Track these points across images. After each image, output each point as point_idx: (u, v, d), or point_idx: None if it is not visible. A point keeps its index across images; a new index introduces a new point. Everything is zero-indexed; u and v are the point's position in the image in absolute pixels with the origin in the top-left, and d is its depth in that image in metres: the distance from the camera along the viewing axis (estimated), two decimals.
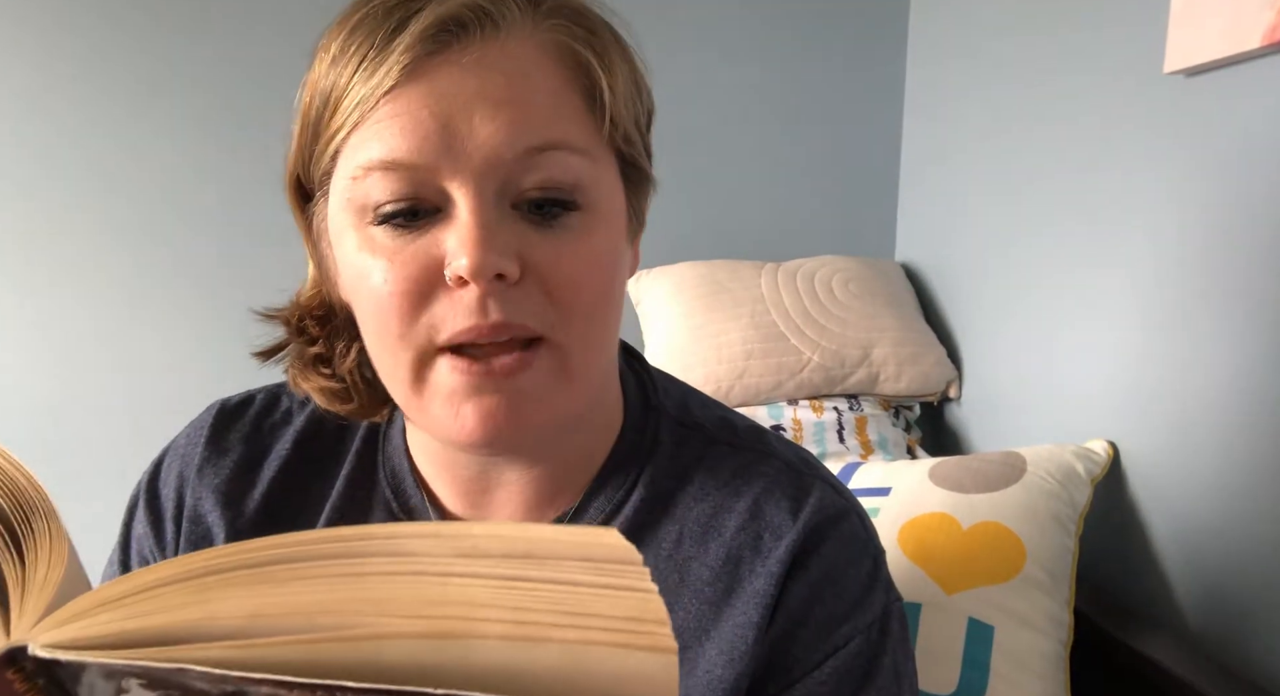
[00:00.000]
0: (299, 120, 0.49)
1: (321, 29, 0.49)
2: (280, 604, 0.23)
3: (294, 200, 0.52)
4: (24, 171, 1.37)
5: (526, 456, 0.53)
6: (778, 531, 0.51)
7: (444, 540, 0.24)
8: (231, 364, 1.43)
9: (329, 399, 0.54)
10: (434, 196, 0.44)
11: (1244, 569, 0.87)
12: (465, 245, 0.43)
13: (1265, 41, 0.79)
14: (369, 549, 0.24)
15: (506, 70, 0.44)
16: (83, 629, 0.23)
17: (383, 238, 0.45)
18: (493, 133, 0.43)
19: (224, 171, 1.42)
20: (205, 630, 0.23)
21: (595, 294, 0.47)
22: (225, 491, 0.56)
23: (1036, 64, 1.19)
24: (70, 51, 1.35)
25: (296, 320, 0.54)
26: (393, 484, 0.56)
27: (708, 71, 1.52)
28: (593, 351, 0.48)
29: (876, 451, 1.31)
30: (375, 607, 0.23)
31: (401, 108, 0.43)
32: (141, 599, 0.24)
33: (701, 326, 1.37)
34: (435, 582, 0.23)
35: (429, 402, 0.46)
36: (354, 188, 0.45)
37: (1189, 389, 0.94)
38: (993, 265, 1.32)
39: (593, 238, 0.46)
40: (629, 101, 0.49)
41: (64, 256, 1.40)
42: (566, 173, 0.45)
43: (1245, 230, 0.86)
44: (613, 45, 0.49)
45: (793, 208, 1.60)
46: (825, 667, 0.50)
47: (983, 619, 0.91)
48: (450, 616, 0.23)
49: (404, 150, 0.43)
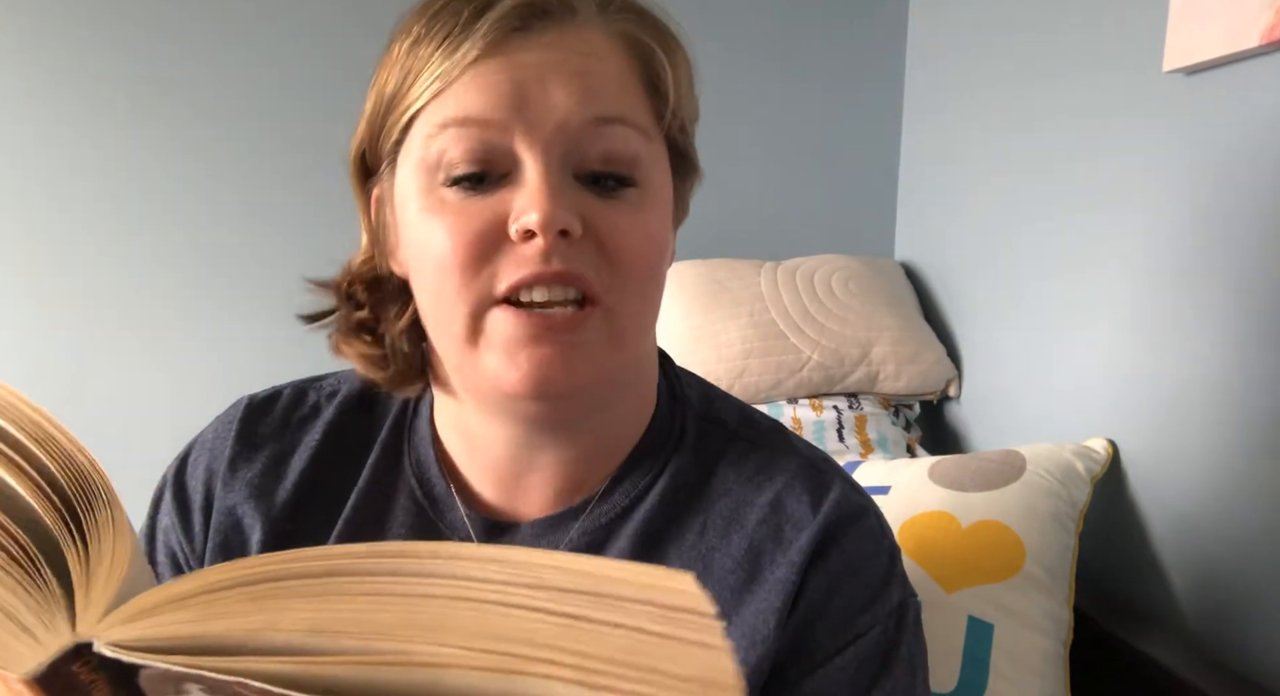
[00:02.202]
0: (372, 98, 0.51)
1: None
2: (340, 620, 0.23)
3: (356, 174, 0.54)
4: (24, 166, 1.37)
5: (564, 434, 0.53)
6: (799, 524, 0.53)
7: (507, 567, 0.24)
8: (230, 365, 1.43)
9: (366, 365, 0.56)
10: (503, 159, 0.47)
11: (1244, 567, 0.87)
12: (535, 200, 0.45)
13: (1264, 40, 0.79)
14: (432, 569, 0.24)
15: (580, 50, 0.48)
16: (147, 628, 0.23)
17: (452, 197, 0.47)
18: (564, 98, 0.46)
19: (239, 165, 1.42)
20: (265, 640, 0.23)
21: (648, 266, 0.49)
22: (258, 485, 0.57)
23: (1036, 63, 1.19)
24: (94, 46, 1.35)
25: (347, 285, 0.57)
26: (417, 472, 0.57)
27: (707, 71, 1.51)
28: (641, 320, 0.51)
29: (876, 450, 1.31)
30: (435, 635, 0.23)
31: (481, 73, 0.46)
32: (205, 601, 0.24)
33: (701, 325, 1.37)
34: (496, 612, 0.23)
35: (484, 354, 0.48)
36: (428, 146, 0.47)
37: (1189, 387, 0.94)
38: (992, 264, 1.32)
39: (648, 214, 0.49)
40: (687, 94, 0.53)
41: (66, 257, 1.40)
42: (628, 147, 0.48)
43: (1245, 229, 0.86)
44: (674, 42, 0.53)
45: (792, 207, 1.60)
46: (845, 654, 0.51)
47: (982, 617, 0.91)
48: (511, 653, 0.22)
49: (479, 107, 0.46)
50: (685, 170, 0.55)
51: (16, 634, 0.23)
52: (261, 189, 1.44)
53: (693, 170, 0.56)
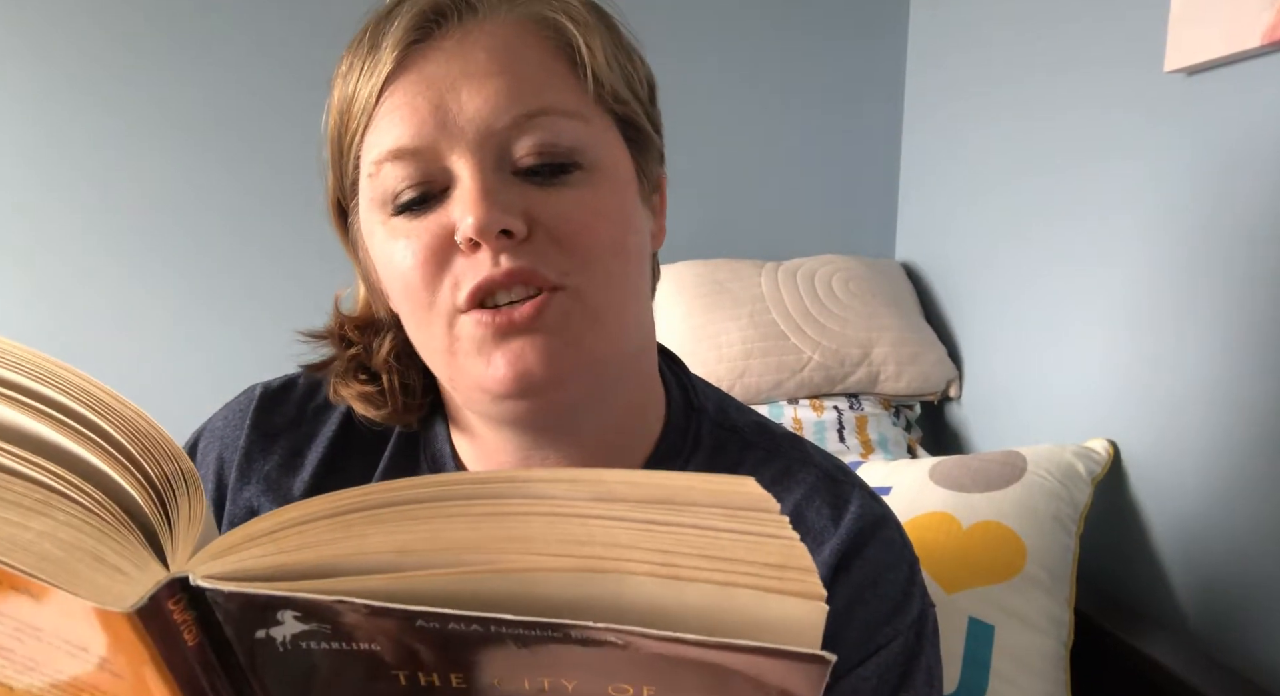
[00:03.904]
0: (329, 143, 0.52)
1: (344, 26, 0.51)
2: (427, 540, 0.24)
3: (337, 223, 0.55)
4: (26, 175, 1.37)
5: (567, 436, 0.53)
6: (819, 536, 0.52)
7: (579, 484, 0.25)
8: (229, 365, 1.43)
9: (365, 403, 0.55)
10: (441, 176, 0.46)
11: (1245, 568, 0.87)
12: (469, 206, 0.45)
13: (1265, 40, 0.79)
14: (507, 491, 0.25)
15: (488, 47, 0.47)
16: (238, 562, 0.24)
17: (402, 223, 0.47)
18: (481, 105, 0.45)
19: (241, 165, 1.42)
20: (356, 564, 0.23)
21: (607, 241, 0.48)
22: (274, 478, 0.57)
23: (1036, 63, 1.19)
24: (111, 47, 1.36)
25: (339, 329, 0.57)
26: (433, 467, 0.57)
27: (707, 71, 1.52)
28: (614, 294, 0.49)
29: (877, 450, 1.31)
30: (520, 545, 0.23)
31: (399, 99, 0.46)
32: (289, 534, 0.25)
33: (701, 326, 1.37)
34: (576, 523, 0.24)
35: (464, 362, 0.48)
36: (373, 184, 0.48)
37: (1189, 388, 0.94)
38: (993, 264, 1.32)
39: (598, 192, 0.48)
40: (612, 61, 0.50)
41: (66, 256, 1.40)
42: (560, 136, 0.47)
43: (1246, 229, 0.86)
44: (588, 12, 0.50)
45: (793, 207, 1.60)
46: (868, 665, 0.51)
47: (983, 618, 0.91)
48: (596, 555, 0.23)
49: (405, 137, 0.46)
50: (640, 141, 0.52)
51: (110, 574, 0.24)
52: (264, 189, 1.43)
53: (648, 141, 0.53)
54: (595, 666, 0.23)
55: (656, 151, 0.54)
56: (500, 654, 0.23)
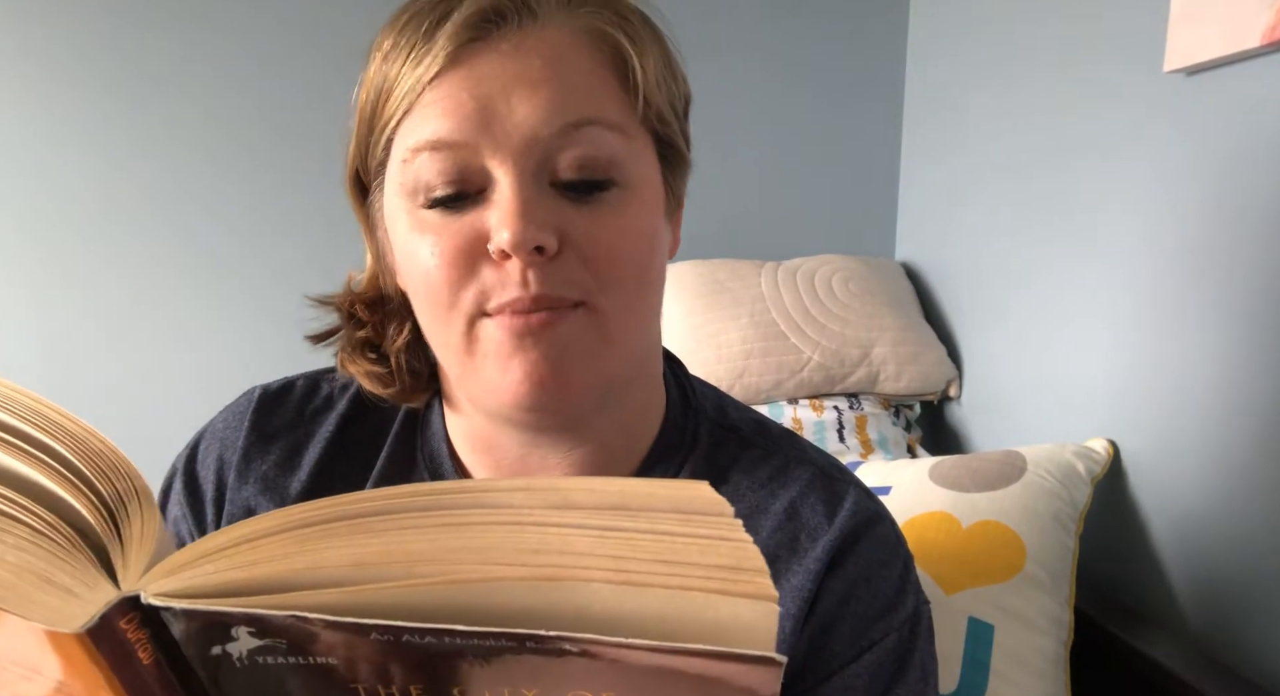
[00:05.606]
0: (356, 116, 0.51)
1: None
2: (382, 552, 0.24)
3: (354, 194, 0.55)
4: (30, 163, 1.37)
5: (569, 435, 0.53)
6: (814, 533, 0.53)
7: (536, 493, 0.25)
8: (230, 365, 1.43)
9: (373, 382, 0.56)
10: (478, 177, 0.46)
11: (1244, 568, 0.87)
12: (506, 219, 0.45)
13: (1265, 40, 0.79)
14: (463, 501, 0.25)
15: (543, 54, 0.46)
16: (190, 579, 0.24)
17: (433, 218, 0.47)
18: (529, 111, 0.45)
19: (242, 167, 1.42)
20: (311, 579, 0.23)
21: (633, 265, 0.48)
22: (272, 478, 0.57)
23: (1036, 63, 1.19)
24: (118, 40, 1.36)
25: (348, 306, 0.57)
26: (430, 467, 0.57)
27: (707, 71, 1.52)
28: (632, 318, 0.50)
29: (877, 450, 1.31)
30: (476, 555, 0.23)
31: (444, 92, 0.46)
32: (243, 550, 0.24)
33: (701, 325, 1.37)
34: (532, 532, 0.24)
35: (480, 363, 0.48)
36: (405, 170, 0.47)
37: (1189, 387, 0.94)
38: (993, 264, 1.32)
39: (629, 212, 0.48)
40: (661, 82, 0.50)
41: (66, 257, 1.40)
42: (602, 149, 0.47)
43: (1246, 229, 0.86)
44: (644, 28, 0.51)
45: (793, 207, 1.60)
46: (861, 662, 0.51)
47: (983, 618, 0.91)
48: (552, 564, 0.23)
49: (446, 129, 0.46)
50: (674, 160, 0.53)
51: (60, 595, 0.24)
52: (265, 191, 1.43)
53: (681, 160, 0.54)
54: (555, 675, 0.23)
55: (686, 168, 0.55)
56: (459, 665, 0.23)
